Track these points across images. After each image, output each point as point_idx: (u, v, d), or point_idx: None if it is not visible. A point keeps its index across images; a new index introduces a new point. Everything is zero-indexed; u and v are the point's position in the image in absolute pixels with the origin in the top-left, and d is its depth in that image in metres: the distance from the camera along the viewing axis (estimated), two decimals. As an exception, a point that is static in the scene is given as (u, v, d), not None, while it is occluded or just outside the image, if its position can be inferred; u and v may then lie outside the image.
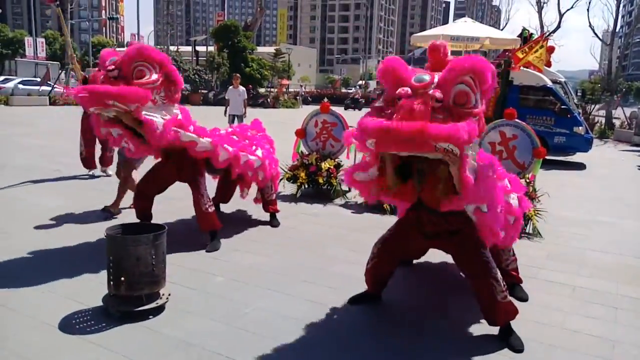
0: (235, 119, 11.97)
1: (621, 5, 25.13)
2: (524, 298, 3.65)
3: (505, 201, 3.24)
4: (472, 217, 2.97)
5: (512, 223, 3.39)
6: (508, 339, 3.02)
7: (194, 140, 4.27)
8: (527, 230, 5.26)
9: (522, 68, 11.35)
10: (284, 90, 35.13)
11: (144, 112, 3.81)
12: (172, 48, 41.68)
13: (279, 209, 5.56)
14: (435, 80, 2.58)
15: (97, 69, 4.13)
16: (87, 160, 7.53)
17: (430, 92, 2.51)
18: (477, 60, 2.56)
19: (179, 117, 4.17)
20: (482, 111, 2.62)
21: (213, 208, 4.61)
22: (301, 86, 48.48)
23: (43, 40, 44.76)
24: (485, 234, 3.03)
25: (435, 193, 2.90)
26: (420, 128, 2.32)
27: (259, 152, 5.03)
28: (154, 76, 3.88)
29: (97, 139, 7.06)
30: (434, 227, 3.07)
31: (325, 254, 4.53)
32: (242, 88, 12.33)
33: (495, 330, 3.10)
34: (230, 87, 12.41)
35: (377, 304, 3.52)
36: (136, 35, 38.99)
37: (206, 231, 4.62)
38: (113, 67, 3.78)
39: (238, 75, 12.82)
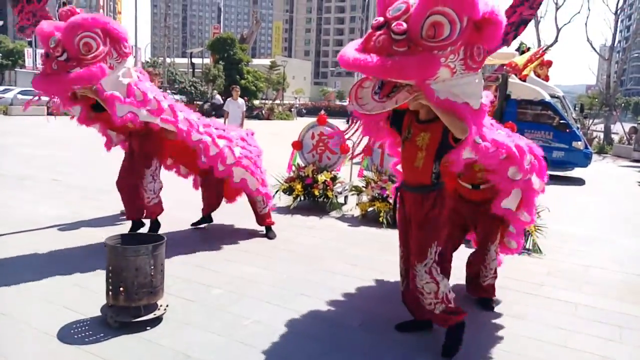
0: (233, 131, 11.92)
1: (619, 20, 25.33)
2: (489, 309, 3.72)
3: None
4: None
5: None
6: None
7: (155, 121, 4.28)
8: (527, 246, 5.20)
9: (519, 82, 11.43)
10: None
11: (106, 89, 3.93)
12: (167, 60, 41.83)
13: (274, 221, 5.49)
14: (411, 11, 2.43)
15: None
16: None
17: (394, 24, 2.40)
18: None
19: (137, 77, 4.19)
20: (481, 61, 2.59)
21: (157, 200, 5.00)
22: (295, 98, 48.52)
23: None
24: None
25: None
26: (371, 64, 2.38)
27: (237, 150, 4.88)
28: (101, 47, 3.86)
29: None
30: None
31: (322, 267, 4.48)
32: (241, 100, 12.30)
33: (498, 334, 3.18)
34: (230, 99, 12.37)
35: (379, 322, 3.39)
36: (134, 47, 39.20)
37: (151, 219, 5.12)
38: (60, 50, 3.80)
39: (237, 87, 12.77)
